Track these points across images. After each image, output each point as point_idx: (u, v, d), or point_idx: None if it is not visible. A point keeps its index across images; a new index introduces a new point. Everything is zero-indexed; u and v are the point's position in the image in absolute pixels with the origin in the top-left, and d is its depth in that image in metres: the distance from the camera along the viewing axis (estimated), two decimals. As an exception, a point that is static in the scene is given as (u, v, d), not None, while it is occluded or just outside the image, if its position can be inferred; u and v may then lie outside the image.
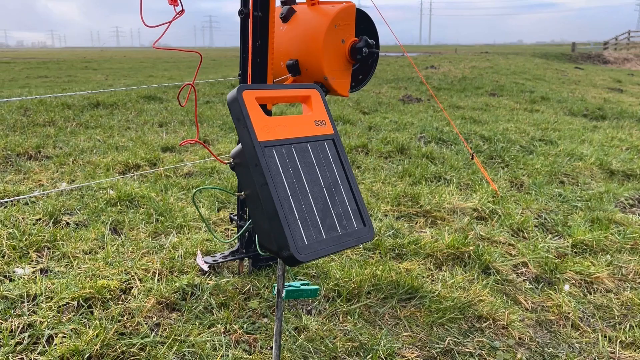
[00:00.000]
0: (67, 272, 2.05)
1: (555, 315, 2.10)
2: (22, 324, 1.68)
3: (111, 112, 5.83)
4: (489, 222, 2.93)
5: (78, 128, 4.96)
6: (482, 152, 4.39)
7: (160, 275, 2.05)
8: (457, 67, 14.56)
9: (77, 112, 5.62)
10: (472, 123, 5.82)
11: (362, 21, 2.13)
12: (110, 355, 1.56)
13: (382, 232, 2.62)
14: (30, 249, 2.22)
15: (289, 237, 1.28)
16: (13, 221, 2.53)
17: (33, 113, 5.47)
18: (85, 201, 2.85)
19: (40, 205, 2.73)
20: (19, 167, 3.54)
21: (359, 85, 2.20)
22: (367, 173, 3.69)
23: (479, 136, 4.97)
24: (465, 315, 1.99)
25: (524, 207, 3.17)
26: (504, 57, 21.76)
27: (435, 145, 4.56)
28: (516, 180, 3.74)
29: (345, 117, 5.73)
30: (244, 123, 1.33)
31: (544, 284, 2.35)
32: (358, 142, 4.38)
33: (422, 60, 19.13)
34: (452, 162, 3.96)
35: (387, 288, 2.10)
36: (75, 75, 16.29)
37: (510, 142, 4.82)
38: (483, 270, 2.37)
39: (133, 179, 3.33)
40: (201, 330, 1.75)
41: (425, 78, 11.04)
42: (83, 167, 3.56)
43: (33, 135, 4.51)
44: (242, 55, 1.99)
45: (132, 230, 2.53)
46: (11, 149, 3.95)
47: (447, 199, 3.16)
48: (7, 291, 1.86)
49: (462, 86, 9.61)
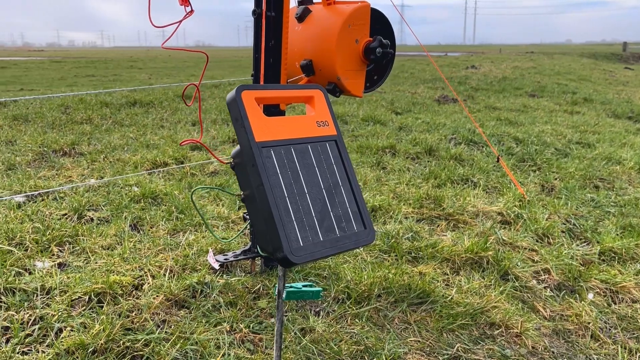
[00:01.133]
0: (84, 267, 2.10)
1: (574, 324, 2.03)
2: (34, 317, 1.73)
3: (147, 110, 5.96)
4: (513, 226, 2.85)
5: (113, 126, 5.09)
6: (513, 155, 4.28)
7: (173, 273, 2.08)
8: (499, 68, 14.27)
9: (114, 111, 5.77)
10: (507, 125, 5.69)
11: (378, 21, 2.11)
12: (115, 350, 1.59)
13: (400, 235, 2.59)
14: (52, 243, 2.29)
15: (283, 239, 1.27)
16: (40, 216, 2.61)
17: (72, 111, 5.65)
18: (111, 197, 2.92)
19: (67, 201, 2.81)
20: (52, 164, 3.66)
21: (373, 85, 2.17)
22: (392, 174, 3.65)
23: (512, 138, 4.85)
24: (477, 321, 1.95)
25: (552, 211, 3.07)
26: (549, 57, 21.22)
27: (466, 147, 4.48)
28: (547, 184, 3.64)
29: (376, 117, 5.69)
30: (242, 123, 1.33)
31: (566, 292, 2.27)
32: (386, 143, 4.34)
33: (463, 60, 18.84)
34: (481, 165, 3.88)
35: (398, 291, 2.07)
36: (121, 74, 16.73)
37: (545, 145, 4.68)
38: (502, 276, 2.31)
39: (159, 176, 3.39)
40: (207, 328, 1.76)
41: (464, 78, 10.86)
42: (113, 165, 3.65)
43: (70, 132, 4.66)
44: (255, 56, 1.99)
45: (152, 227, 2.57)
46: (48, 145, 4.09)
47: (471, 202, 3.09)
48: (25, 284, 1.92)
49: (501, 87, 9.41)
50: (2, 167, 3.53)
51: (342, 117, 5.75)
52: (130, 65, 23.17)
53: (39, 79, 14.52)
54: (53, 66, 22.14)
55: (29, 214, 2.60)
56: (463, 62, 17.03)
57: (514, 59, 19.61)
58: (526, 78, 11.29)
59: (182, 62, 27.04)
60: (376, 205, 2.94)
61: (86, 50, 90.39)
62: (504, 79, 10.86)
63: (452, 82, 9.99)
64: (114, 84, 11.24)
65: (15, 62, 25.82)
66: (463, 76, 11.50)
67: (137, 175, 3.33)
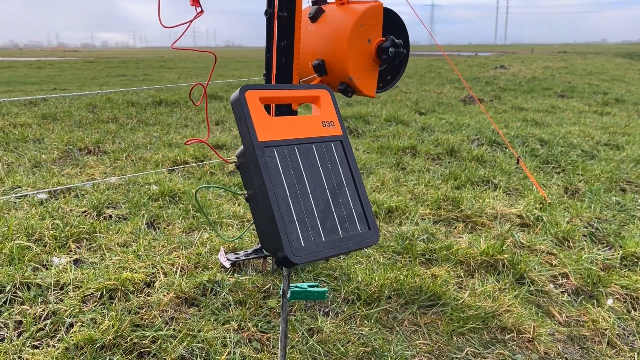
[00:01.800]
0: (99, 264, 2.14)
1: (591, 330, 1.98)
2: (47, 311, 1.76)
3: (172, 110, 6.04)
4: (532, 229, 2.80)
5: (138, 125, 5.17)
6: (537, 157, 4.20)
7: (185, 270, 2.10)
8: (529, 68, 14.04)
9: (140, 110, 5.86)
10: (533, 126, 5.59)
11: (391, 21, 2.09)
12: (123, 346, 1.61)
13: (415, 237, 2.57)
14: (69, 240, 2.34)
15: (284, 238, 1.27)
16: (60, 212, 2.67)
17: (100, 110, 5.76)
18: (130, 195, 2.96)
19: (88, 199, 2.87)
20: (77, 162, 3.73)
21: (386, 85, 2.16)
22: (411, 175, 3.62)
23: (537, 139, 4.76)
24: (488, 325, 1.91)
25: (574, 214, 3.00)
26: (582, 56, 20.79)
27: (489, 148, 4.41)
28: (571, 186, 3.56)
29: (399, 117, 5.66)
30: (245, 123, 1.33)
31: (584, 297, 2.22)
32: (407, 144, 4.31)
33: (492, 60, 18.58)
34: (502, 166, 3.82)
35: (409, 293, 2.05)
36: (151, 74, 17.00)
37: (571, 147, 4.58)
38: (517, 279, 2.27)
39: (178, 175, 3.43)
40: (215, 326, 1.78)
41: (492, 78, 10.71)
42: (134, 163, 3.71)
43: (95, 131, 4.75)
44: (267, 56, 2.00)
45: (168, 225, 2.60)
46: (73, 143, 4.17)
47: (490, 203, 3.05)
48: (40, 279, 1.96)
49: (530, 87, 9.25)
50: (29, 165, 3.61)
51: (365, 117, 5.73)
52: (161, 65, 23.53)
53: (71, 78, 14.86)
54: (86, 66, 22.62)
55: (50, 210, 2.66)
56: (492, 62, 16.79)
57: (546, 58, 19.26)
58: (556, 78, 11.08)
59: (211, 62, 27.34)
60: (392, 206, 2.92)
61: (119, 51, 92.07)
62: (534, 79, 10.68)
63: (480, 82, 9.86)
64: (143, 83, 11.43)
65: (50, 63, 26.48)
66: (491, 76, 11.34)
67: (157, 173, 3.38)
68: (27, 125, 4.90)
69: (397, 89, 9.18)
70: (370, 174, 3.61)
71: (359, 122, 5.49)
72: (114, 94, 6.88)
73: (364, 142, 4.57)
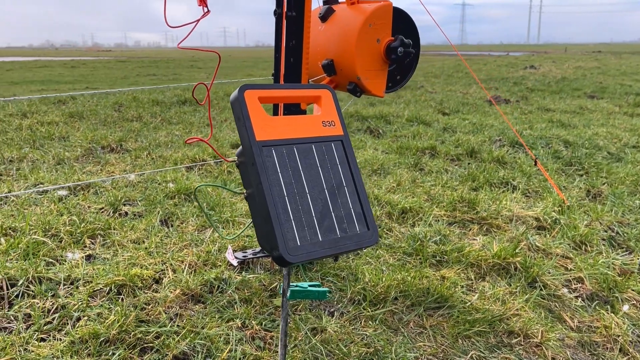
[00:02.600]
0: (111, 260, 2.18)
1: (603, 337, 1.93)
2: (56, 305, 1.80)
3: (195, 109, 6.11)
4: (549, 232, 2.75)
5: (162, 123, 5.25)
6: (560, 158, 4.12)
7: (193, 268, 2.13)
8: (560, 68, 13.77)
9: (164, 109, 5.95)
10: (559, 127, 5.48)
11: (401, 20, 2.08)
12: (126, 341, 1.64)
13: (427, 238, 2.54)
14: (84, 236, 2.39)
15: (279, 237, 1.28)
16: (78, 209, 2.72)
17: (125, 109, 5.86)
18: (147, 193, 3.01)
19: (105, 196, 2.92)
20: (99, 159, 3.81)
21: (396, 85, 2.14)
22: (428, 176, 3.59)
23: (561, 141, 4.67)
24: (495, 329, 1.89)
25: (594, 218, 2.93)
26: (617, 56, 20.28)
27: (510, 149, 4.34)
28: (593, 189, 3.48)
29: (421, 117, 5.61)
30: (243, 122, 1.34)
31: (599, 302, 2.17)
32: (426, 144, 4.27)
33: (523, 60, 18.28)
34: (523, 168, 3.76)
35: (415, 295, 2.03)
36: (181, 73, 17.24)
37: (597, 148, 4.48)
38: (529, 283, 2.23)
39: (196, 173, 3.47)
40: (219, 323, 1.79)
41: (520, 78, 10.54)
42: (154, 161, 3.77)
43: (119, 129, 4.84)
44: (276, 55, 2.01)
45: (182, 222, 2.64)
46: (96, 141, 4.26)
47: (507, 206, 3.00)
48: (53, 273, 2.01)
49: (559, 87, 9.07)
50: (52, 162, 3.70)
51: (386, 117, 5.70)
52: (191, 65, 23.82)
53: (103, 77, 15.16)
54: (118, 66, 23.06)
55: (68, 207, 2.72)
56: (522, 62, 16.52)
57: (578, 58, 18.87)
58: (587, 78, 10.83)
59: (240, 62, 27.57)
60: (407, 207, 2.90)
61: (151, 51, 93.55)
62: (563, 79, 10.46)
63: (507, 82, 9.71)
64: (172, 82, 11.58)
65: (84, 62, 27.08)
66: (520, 76, 11.16)
67: (175, 171, 3.42)
68: (54, 124, 5.03)
69: (422, 89, 9.11)
70: (387, 175, 3.60)
71: (380, 122, 5.47)
72: (141, 93, 7.00)
73: (384, 143, 4.55)
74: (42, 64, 24.22)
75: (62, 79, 14.29)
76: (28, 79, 14.15)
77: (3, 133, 4.59)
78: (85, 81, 13.45)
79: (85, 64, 24.72)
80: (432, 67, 16.62)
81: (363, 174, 3.60)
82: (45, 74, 16.69)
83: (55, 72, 17.73)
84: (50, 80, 13.78)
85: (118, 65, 23.60)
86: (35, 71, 18.47)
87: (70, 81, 13.55)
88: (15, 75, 15.88)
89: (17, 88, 11.00)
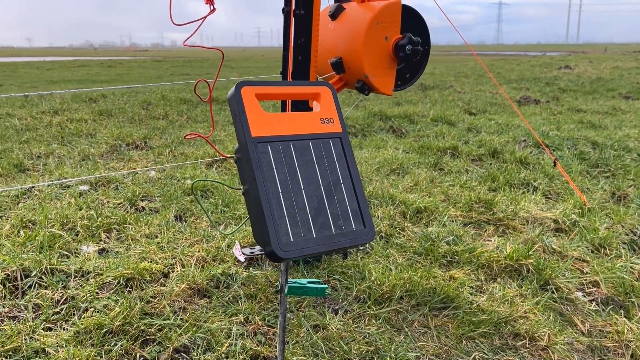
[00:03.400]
0: (123, 253, 2.23)
1: (614, 342, 1.88)
2: (65, 296, 1.86)
3: (221, 107, 6.18)
4: (568, 234, 2.69)
5: (187, 122, 5.33)
6: (586, 160, 4.02)
7: (202, 263, 2.16)
8: (596, 68, 13.43)
9: (191, 107, 6.04)
10: (588, 128, 5.35)
11: (411, 18, 2.06)
12: (130, 333, 1.68)
13: (440, 238, 2.52)
14: (100, 230, 2.44)
15: (271, 233, 1.28)
16: (97, 203, 2.79)
17: (153, 107, 5.97)
18: (165, 189, 3.06)
19: (125, 191, 2.99)
20: (122, 156, 3.89)
21: (405, 83, 2.13)
22: (447, 176, 3.55)
23: (589, 142, 4.55)
24: (500, 331, 1.86)
25: (616, 221, 2.85)
26: (658, 56, 19.64)
27: (535, 150, 4.26)
28: (619, 191, 3.38)
29: (446, 117, 5.55)
30: (239, 118, 1.35)
31: (613, 307, 2.11)
32: (448, 144, 4.23)
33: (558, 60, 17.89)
34: (546, 169, 3.68)
35: (421, 295, 2.01)
36: (213, 73, 17.44)
37: (626, 150, 4.35)
38: (541, 286, 2.18)
39: (214, 170, 3.51)
40: (222, 318, 1.81)
41: (553, 79, 10.31)
42: (176, 158, 3.83)
43: (145, 127, 4.93)
44: (284, 53, 2.02)
45: (196, 219, 2.68)
46: (122, 138, 4.35)
47: (525, 207, 2.94)
48: (66, 266, 2.07)
49: (593, 88, 8.84)
50: (78, 158, 3.80)
51: (411, 116, 5.66)
52: (224, 64, 24.10)
53: (138, 77, 15.47)
54: (153, 65, 23.50)
55: (88, 201, 2.79)
56: (558, 62, 16.17)
57: (617, 58, 18.36)
58: (624, 79, 10.53)
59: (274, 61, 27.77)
60: (421, 207, 2.88)
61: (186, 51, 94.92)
62: (598, 79, 10.20)
63: (539, 82, 9.52)
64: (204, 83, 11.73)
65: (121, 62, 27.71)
66: (553, 77, 10.92)
67: (194, 168, 3.47)
68: (83, 121, 5.16)
69: (451, 88, 9.00)
70: (406, 174, 3.57)
71: (404, 122, 5.43)
72: (170, 92, 7.11)
73: (406, 142, 4.52)
74: (80, 63, 24.87)
75: (99, 78, 14.64)
76: (66, 78, 14.56)
77: (34, 129, 4.73)
78: (121, 80, 13.76)
79: (122, 63, 25.27)
80: (464, 67, 16.42)
81: (380, 173, 3.58)
82: (83, 74, 17.13)
83: (92, 72, 18.18)
84: (87, 80, 14.14)
85: (153, 64, 24.05)
86: (73, 70, 18.99)
87: (106, 80, 13.88)
88: (54, 75, 16.35)
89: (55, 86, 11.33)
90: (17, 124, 5.01)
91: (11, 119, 5.24)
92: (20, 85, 11.76)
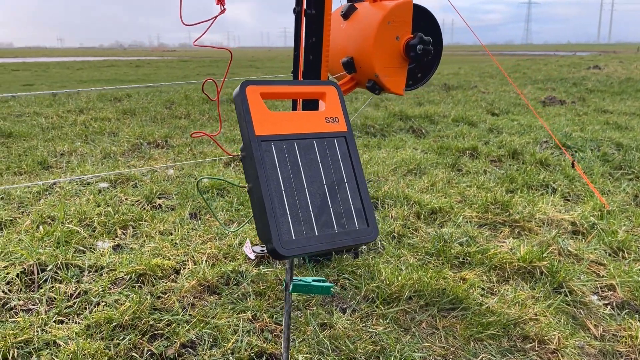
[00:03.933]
0: (137, 250, 2.27)
1: (627, 346, 1.85)
2: (78, 290, 1.90)
3: (243, 107, 6.22)
4: (585, 237, 2.64)
5: (209, 121, 5.38)
6: (609, 162, 3.94)
7: (213, 260, 2.18)
8: (627, 68, 13.14)
9: (213, 107, 6.10)
10: (614, 129, 5.24)
11: (423, 18, 2.06)
12: (138, 327, 1.71)
13: (453, 239, 2.50)
14: (116, 226, 2.49)
15: (273, 231, 1.30)
16: (115, 200, 2.85)
17: (176, 106, 6.05)
18: (182, 187, 3.10)
19: (143, 189, 3.04)
20: (143, 154, 3.96)
21: (417, 83, 2.12)
22: (465, 177, 3.52)
23: (613, 144, 4.46)
24: (509, 333, 1.84)
25: (636, 224, 2.80)
26: (692, 56, 19.12)
27: (556, 151, 4.19)
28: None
29: (468, 118, 5.50)
30: (244, 117, 1.37)
31: (629, 311, 2.07)
32: (467, 145, 4.19)
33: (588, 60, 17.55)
34: (566, 171, 3.62)
35: (430, 295, 2.00)
36: (239, 73, 17.60)
37: (652, 152, 4.25)
38: (555, 288, 2.15)
39: (232, 169, 3.55)
40: (230, 314, 1.83)
41: (581, 79, 10.13)
42: (195, 157, 3.87)
43: (167, 126, 5.00)
44: (295, 53, 2.03)
45: (210, 216, 2.71)
46: (144, 137, 4.43)
47: (542, 209, 2.90)
48: (81, 261, 2.11)
49: (621, 89, 8.65)
50: (100, 156, 3.88)
51: (432, 116, 5.62)
52: (250, 64, 24.27)
53: (164, 77, 15.68)
54: (180, 65, 23.78)
55: (106, 198, 2.85)
56: (587, 62, 15.87)
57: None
58: (655, 79, 10.28)
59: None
60: (436, 207, 2.86)
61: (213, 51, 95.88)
62: (628, 80, 9.98)
63: (566, 82, 9.36)
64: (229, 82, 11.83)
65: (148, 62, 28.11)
66: (581, 77, 10.73)
67: (213, 167, 3.51)
68: (107, 120, 5.25)
69: (475, 89, 8.91)
70: (423, 175, 3.55)
71: (425, 122, 5.40)
72: (193, 92, 7.19)
73: (425, 142, 4.49)
74: (109, 63, 25.32)
75: (126, 78, 14.88)
76: (95, 78, 14.84)
77: (59, 128, 4.84)
78: (148, 80, 13.96)
79: (150, 63, 25.64)
80: (489, 67, 16.23)
81: (397, 173, 3.57)
82: (111, 73, 17.43)
83: (120, 71, 18.49)
84: (115, 79, 14.39)
85: (180, 64, 24.34)
86: (102, 70, 19.34)
87: (133, 80, 14.10)
88: (84, 74, 16.68)
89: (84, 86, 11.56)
90: (44, 122, 5.13)
91: (38, 118, 5.37)
92: (50, 84, 12.04)
